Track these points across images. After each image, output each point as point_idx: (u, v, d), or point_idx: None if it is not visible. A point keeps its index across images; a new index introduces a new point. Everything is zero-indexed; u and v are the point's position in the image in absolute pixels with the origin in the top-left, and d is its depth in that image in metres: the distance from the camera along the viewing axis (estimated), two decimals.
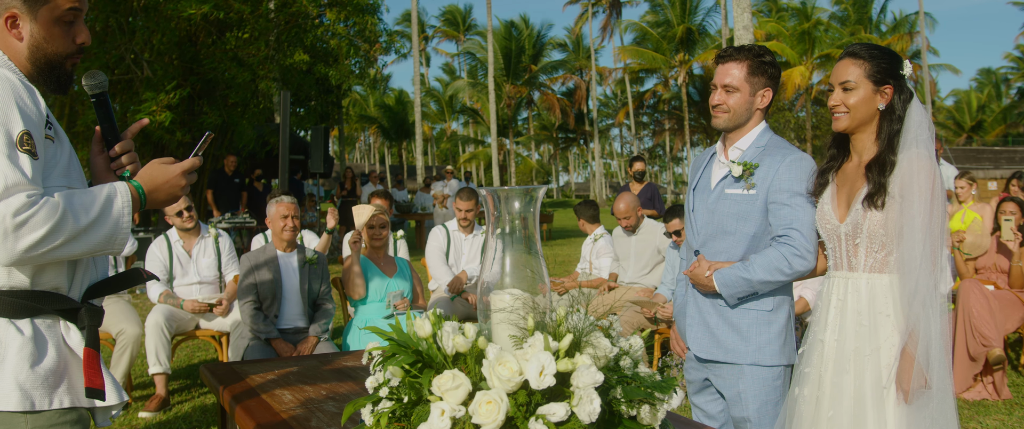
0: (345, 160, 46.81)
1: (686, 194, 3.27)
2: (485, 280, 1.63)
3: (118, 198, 1.91)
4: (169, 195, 2.07)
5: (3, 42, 1.94)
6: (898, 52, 2.82)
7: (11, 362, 1.84)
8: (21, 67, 1.95)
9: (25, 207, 1.73)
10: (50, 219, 1.75)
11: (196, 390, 5.98)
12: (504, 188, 1.61)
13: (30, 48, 1.94)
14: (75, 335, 1.96)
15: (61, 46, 1.97)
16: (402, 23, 53.47)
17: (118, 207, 1.90)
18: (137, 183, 2.01)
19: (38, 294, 1.90)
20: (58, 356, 1.92)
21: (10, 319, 1.87)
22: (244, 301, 5.16)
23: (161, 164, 2.07)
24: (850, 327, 2.70)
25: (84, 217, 1.82)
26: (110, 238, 1.88)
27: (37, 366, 1.88)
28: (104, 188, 1.91)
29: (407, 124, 53.39)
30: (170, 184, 2.07)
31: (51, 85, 2.00)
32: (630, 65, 49.08)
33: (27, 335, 1.87)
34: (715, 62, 3.11)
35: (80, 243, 1.82)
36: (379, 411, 1.56)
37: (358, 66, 17.34)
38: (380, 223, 5.62)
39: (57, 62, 1.98)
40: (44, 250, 1.77)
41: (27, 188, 1.75)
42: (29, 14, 1.92)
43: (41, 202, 1.76)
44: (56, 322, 1.95)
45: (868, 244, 2.66)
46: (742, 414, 2.99)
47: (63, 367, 1.93)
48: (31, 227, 1.73)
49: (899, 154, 2.63)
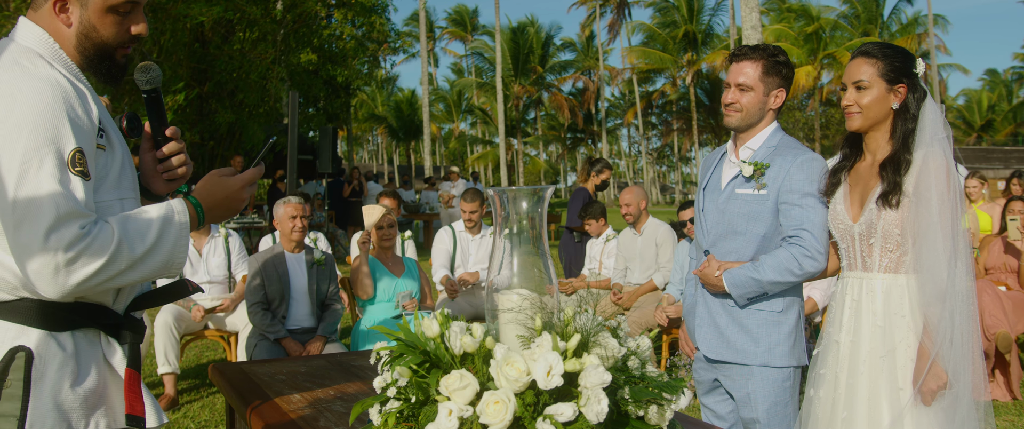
0: (353, 160, 46.87)
1: (696, 194, 3.26)
2: (493, 280, 1.63)
3: (175, 220, 1.78)
4: (228, 211, 1.94)
5: (51, 27, 1.80)
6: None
7: (50, 380, 1.71)
8: (70, 55, 1.81)
9: (78, 240, 1.61)
10: (105, 251, 1.64)
11: (205, 390, 6.00)
12: (511, 188, 1.61)
13: (78, 35, 1.80)
14: (117, 352, 1.84)
15: (112, 35, 1.82)
16: (410, 23, 53.54)
17: (175, 230, 1.77)
18: (195, 200, 1.88)
19: (82, 307, 1.77)
20: (98, 376, 1.79)
21: (50, 332, 1.73)
22: (252, 301, 5.17)
23: (221, 177, 1.93)
24: (865, 328, 2.68)
25: (140, 245, 1.70)
26: (166, 264, 1.76)
27: (78, 386, 1.74)
28: (161, 210, 1.78)
29: (415, 124, 53.46)
30: (231, 199, 1.93)
31: (102, 75, 1.85)
32: (638, 65, 49.05)
33: (69, 351, 1.74)
34: (729, 61, 3.10)
35: (135, 272, 1.71)
36: (387, 411, 1.56)
37: (366, 66, 17.38)
38: (388, 223, 5.62)
39: (107, 52, 1.84)
40: (97, 282, 1.65)
41: (80, 217, 1.63)
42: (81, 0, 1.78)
43: (94, 232, 1.64)
44: (98, 337, 1.82)
45: (883, 244, 2.65)
46: (751, 415, 2.98)
47: (103, 387, 1.80)
48: (84, 262, 1.62)
49: (914, 153, 2.61)
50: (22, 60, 1.70)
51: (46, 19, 1.79)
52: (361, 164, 59.11)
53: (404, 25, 53.00)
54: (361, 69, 16.69)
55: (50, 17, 1.79)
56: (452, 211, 16.67)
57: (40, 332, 1.72)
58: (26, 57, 1.71)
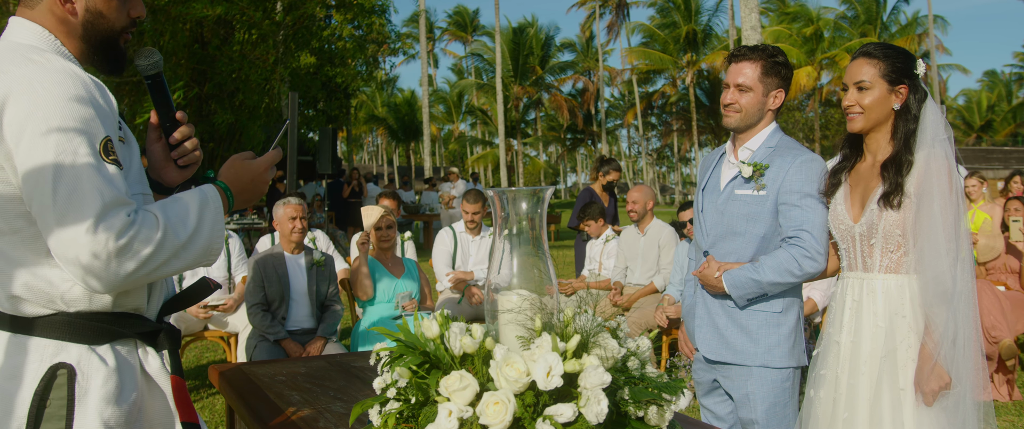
0: (353, 161, 46.91)
1: (695, 194, 3.26)
2: (493, 281, 1.63)
3: (210, 205, 1.73)
4: (255, 194, 1.91)
5: (50, 21, 1.73)
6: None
7: (94, 397, 1.65)
8: (72, 47, 1.75)
9: (127, 227, 1.55)
10: (152, 238, 1.59)
11: (205, 391, 6.00)
12: (511, 189, 1.61)
13: (85, 24, 1.74)
14: (154, 361, 1.79)
15: (117, 20, 1.78)
16: (410, 24, 53.57)
17: (211, 214, 1.72)
18: (223, 184, 1.84)
19: (120, 316, 1.71)
20: (138, 387, 1.75)
21: (91, 346, 1.67)
22: (252, 302, 5.17)
23: (244, 161, 1.90)
24: (866, 329, 2.68)
25: (182, 231, 1.65)
26: (207, 250, 1.71)
27: (122, 401, 1.69)
28: (195, 195, 1.73)
29: (415, 125, 53.47)
30: (256, 182, 1.90)
31: (106, 65, 1.80)
32: (637, 66, 49.08)
33: (111, 366, 1.69)
34: (728, 61, 3.09)
35: (180, 260, 1.65)
36: (387, 412, 1.56)
37: (365, 67, 17.38)
38: (388, 224, 5.62)
39: (112, 38, 1.79)
40: (146, 272, 1.59)
41: (125, 204, 1.57)
42: None
43: (140, 220, 1.58)
44: (135, 347, 1.77)
45: (884, 244, 2.65)
46: (751, 416, 2.97)
47: (142, 399, 1.76)
48: (135, 250, 1.56)
49: (916, 153, 2.61)
50: (32, 55, 1.64)
51: (44, 14, 1.73)
52: (361, 165, 59.16)
53: (404, 26, 53.07)
54: (360, 70, 16.69)
55: (49, 11, 1.73)
56: (452, 212, 16.67)
57: (80, 347, 1.66)
58: (34, 52, 1.66)
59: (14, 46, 1.69)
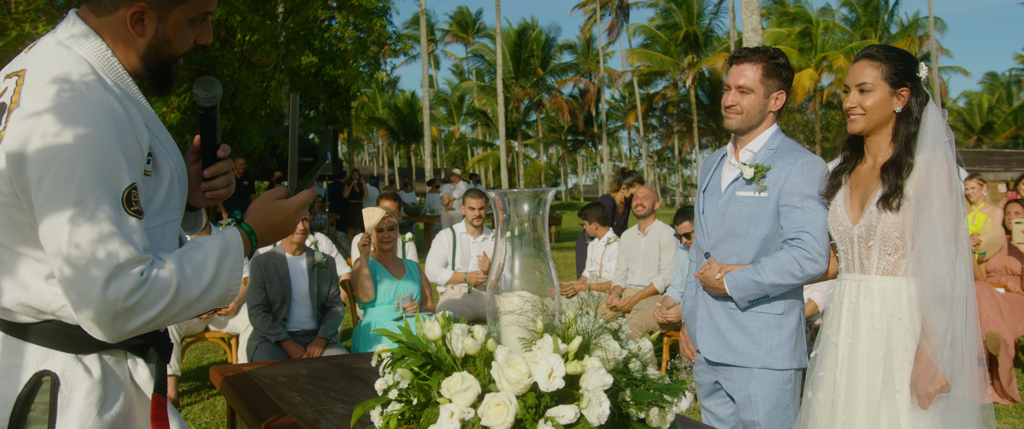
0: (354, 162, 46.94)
1: (696, 196, 3.26)
2: (494, 282, 1.63)
3: (231, 254, 1.70)
4: (280, 236, 1.87)
5: (118, 37, 1.69)
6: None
7: (77, 408, 1.63)
8: (129, 64, 1.71)
9: (137, 287, 1.53)
10: (164, 297, 1.57)
11: (206, 392, 5.99)
12: (513, 190, 1.61)
13: (150, 48, 1.72)
14: (143, 372, 1.75)
15: (181, 48, 1.76)
16: (411, 26, 53.59)
17: (230, 264, 1.70)
18: (249, 227, 1.81)
19: None
20: (125, 399, 1.72)
21: (77, 355, 1.65)
22: (253, 304, 5.17)
23: (275, 201, 1.85)
24: (863, 331, 2.68)
25: (197, 285, 1.63)
26: (221, 298, 1.69)
27: (105, 413, 1.67)
28: (216, 243, 1.70)
29: (416, 126, 53.49)
30: (285, 226, 1.85)
31: (155, 87, 1.77)
32: (639, 68, 49.08)
33: (95, 376, 1.66)
34: (729, 63, 3.10)
35: (190, 311, 1.63)
36: (388, 413, 1.56)
37: (366, 67, 17.38)
38: (389, 226, 5.63)
39: (170, 63, 1.77)
40: (152, 326, 1.58)
41: (139, 262, 1.54)
42: (159, 12, 1.69)
43: (152, 278, 1.56)
44: (123, 358, 1.74)
45: (881, 246, 2.65)
46: (752, 418, 2.97)
47: (128, 409, 1.73)
48: (142, 308, 1.55)
49: (916, 156, 2.61)
50: (73, 77, 1.59)
51: (110, 28, 1.69)
52: (361, 166, 59.17)
53: (405, 28, 53.09)
54: (362, 71, 16.69)
55: (116, 28, 1.69)
56: (453, 213, 16.68)
57: (66, 355, 1.65)
58: (77, 72, 1.61)
59: (59, 55, 1.64)
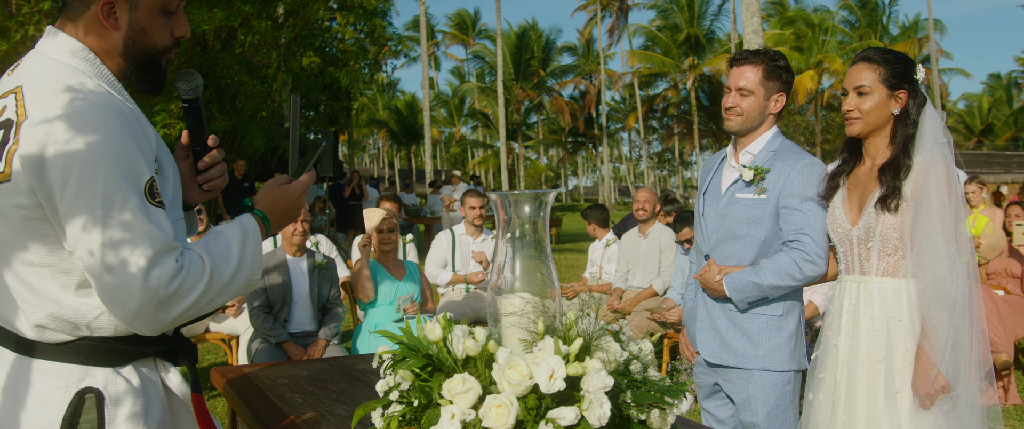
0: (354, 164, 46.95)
1: (696, 198, 3.26)
2: (495, 284, 1.63)
3: (251, 238, 1.73)
4: (291, 219, 1.91)
5: (91, 37, 1.68)
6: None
7: (124, 420, 1.65)
8: (112, 64, 1.70)
9: (176, 274, 1.55)
10: (200, 281, 1.59)
11: (206, 393, 6.00)
12: (513, 192, 1.61)
13: (126, 41, 1.69)
14: (174, 377, 1.79)
15: (160, 40, 1.73)
16: (411, 28, 53.60)
17: (251, 248, 1.72)
18: (261, 213, 1.84)
19: (141, 336, 1.68)
20: (163, 405, 1.75)
21: (115, 368, 1.66)
22: (254, 305, 5.17)
23: (281, 186, 1.88)
24: (863, 332, 2.68)
25: (226, 269, 1.65)
26: (247, 283, 1.71)
27: (151, 421, 1.69)
28: (235, 229, 1.73)
29: (416, 128, 53.47)
30: (293, 208, 1.89)
31: (145, 84, 1.76)
32: (639, 69, 49.09)
33: (136, 386, 1.68)
34: (729, 65, 3.10)
35: (223, 296, 1.66)
36: (389, 415, 1.57)
37: (367, 69, 17.36)
38: (389, 227, 5.63)
39: (154, 57, 1.74)
40: (193, 313, 1.60)
41: (173, 249, 1.56)
42: (129, 1, 1.67)
43: (187, 264, 1.58)
44: (156, 365, 1.76)
45: (881, 248, 2.65)
46: (752, 419, 2.98)
47: (166, 415, 1.76)
48: (182, 294, 1.56)
49: (914, 158, 2.62)
50: (73, 83, 1.59)
51: (87, 30, 1.68)
52: (362, 168, 59.17)
53: (405, 30, 53.11)
54: (362, 72, 16.67)
55: (91, 26, 1.67)
56: (453, 214, 16.68)
57: (105, 370, 1.65)
58: (74, 78, 1.61)
59: (51, 66, 1.64)
